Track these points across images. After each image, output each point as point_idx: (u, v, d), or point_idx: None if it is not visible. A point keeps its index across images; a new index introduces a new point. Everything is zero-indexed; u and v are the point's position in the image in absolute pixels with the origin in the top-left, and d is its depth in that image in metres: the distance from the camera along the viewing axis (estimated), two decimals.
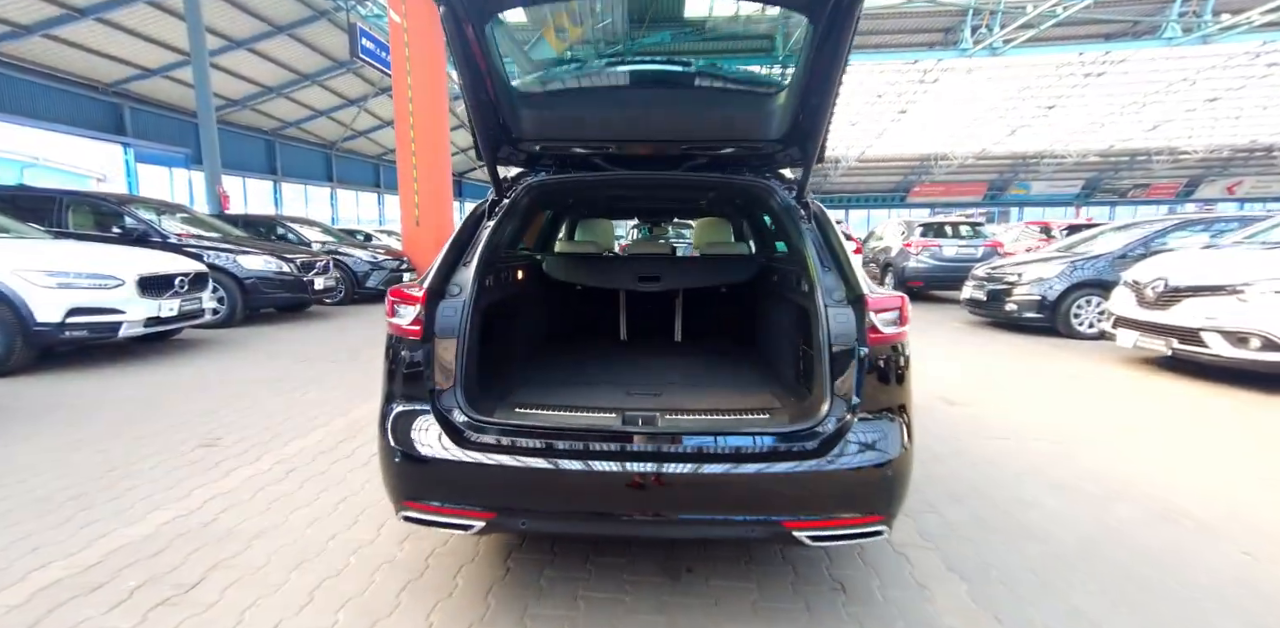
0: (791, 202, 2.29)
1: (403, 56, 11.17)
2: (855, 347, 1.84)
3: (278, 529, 2.38)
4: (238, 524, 2.41)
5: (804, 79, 2.04)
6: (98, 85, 16.07)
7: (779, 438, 1.75)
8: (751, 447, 1.73)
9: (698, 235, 4.21)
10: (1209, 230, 7.22)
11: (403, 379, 1.90)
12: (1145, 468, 3.07)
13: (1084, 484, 2.86)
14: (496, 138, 2.35)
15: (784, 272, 2.88)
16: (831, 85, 1.93)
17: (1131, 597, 1.98)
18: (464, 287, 2.00)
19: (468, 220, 2.24)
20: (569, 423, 1.84)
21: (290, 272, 7.82)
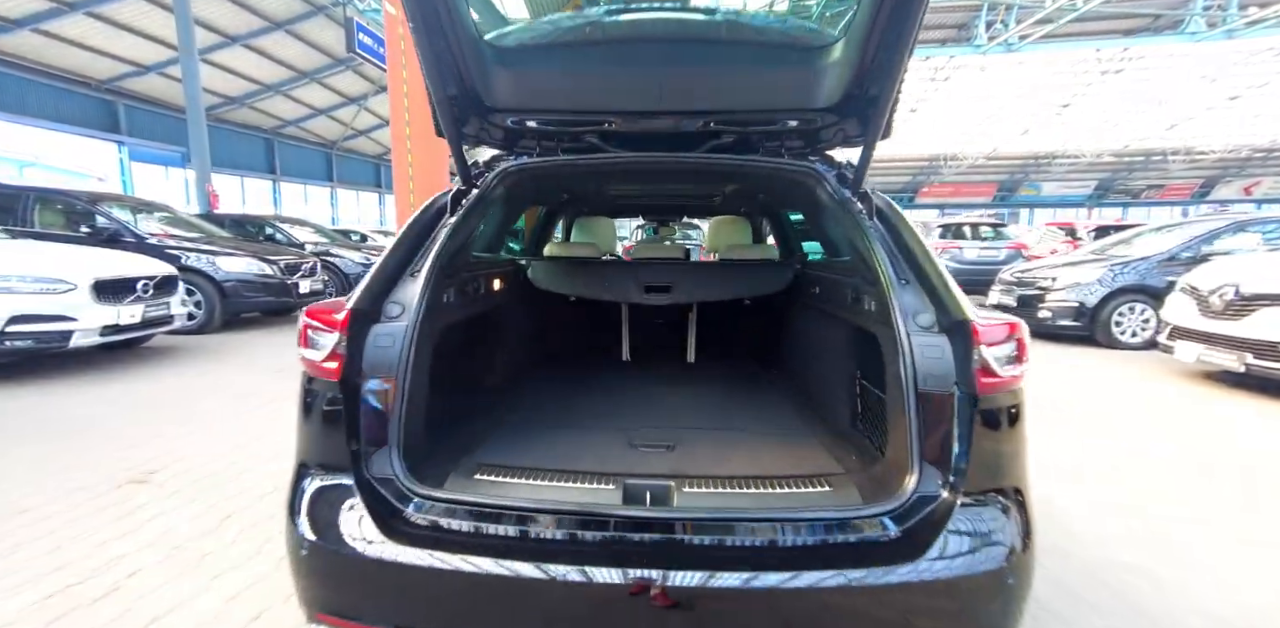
0: (846, 193, 1.78)
1: (398, 49, 10.66)
2: (957, 394, 1.32)
3: (187, 607, 1.88)
4: (139, 598, 1.91)
5: (868, 26, 1.52)
6: (91, 82, 15.68)
7: (851, 527, 1.23)
8: (813, 543, 1.21)
9: (713, 237, 3.62)
10: (1262, 232, 6.66)
11: (317, 438, 1.40)
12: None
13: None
14: (462, 108, 1.83)
15: (831, 284, 2.33)
16: (909, 31, 1.41)
17: None
18: (407, 305, 1.50)
19: (420, 217, 1.73)
20: (544, 502, 1.32)
21: (273, 274, 7.35)
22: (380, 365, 1.41)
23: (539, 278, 3.02)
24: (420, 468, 1.42)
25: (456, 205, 1.77)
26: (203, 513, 2.49)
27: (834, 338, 2.24)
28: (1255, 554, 2.23)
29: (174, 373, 4.97)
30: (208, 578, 2.02)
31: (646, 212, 4.31)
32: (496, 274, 2.52)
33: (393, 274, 1.56)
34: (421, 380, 1.51)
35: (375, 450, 1.36)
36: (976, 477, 1.27)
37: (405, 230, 1.66)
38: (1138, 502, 2.68)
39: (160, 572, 2.06)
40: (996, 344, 1.31)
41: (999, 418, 1.31)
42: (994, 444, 1.31)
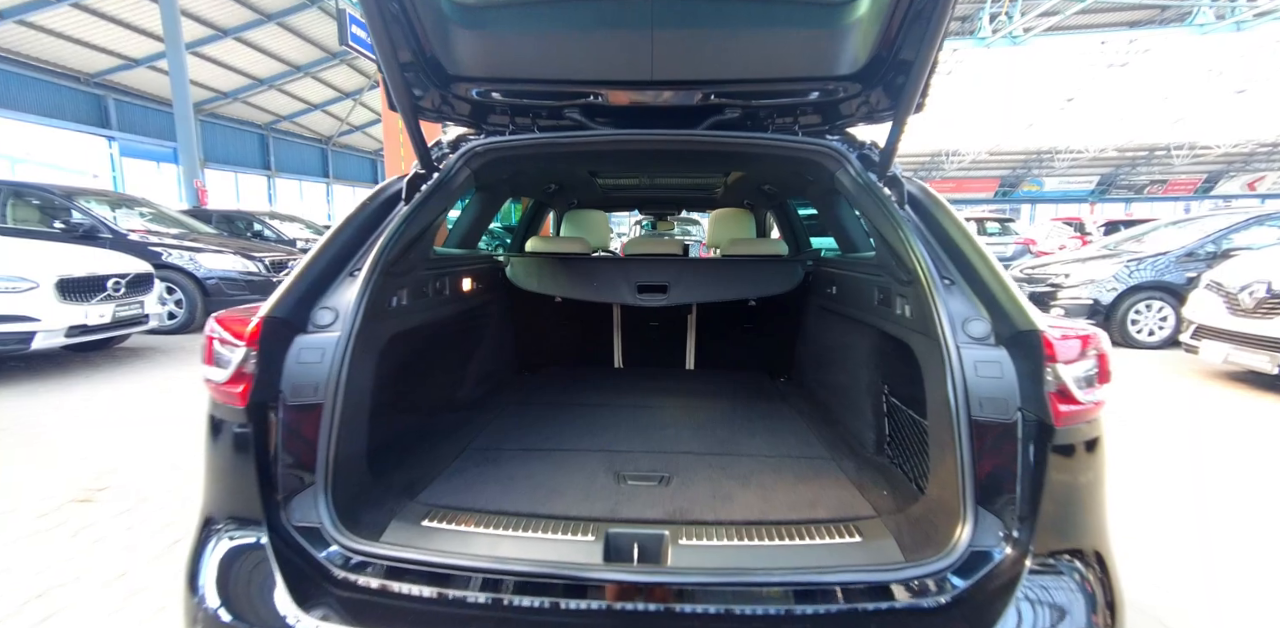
0: (871, 177, 1.52)
1: None
2: (1023, 422, 1.05)
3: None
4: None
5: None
6: (80, 76, 15.39)
7: (889, 593, 0.97)
8: (843, 615, 0.96)
9: (714, 230, 3.32)
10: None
11: (224, 482, 1.14)
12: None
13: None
14: (418, 77, 1.56)
15: (851, 283, 2.05)
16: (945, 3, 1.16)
17: None
18: (343, 311, 1.24)
19: (366, 206, 1.47)
20: (514, 559, 1.06)
21: (258, 271, 7.10)
22: (304, 386, 1.15)
23: (518, 276, 2.70)
24: (355, 513, 1.17)
25: (413, 192, 1.51)
26: (148, 538, 2.24)
27: (856, 346, 1.96)
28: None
29: (143, 376, 4.72)
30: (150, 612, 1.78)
31: (642, 204, 3.94)
32: (466, 272, 2.24)
33: (326, 274, 1.30)
34: (359, 402, 1.27)
35: (296, 493, 1.11)
36: (1049, 531, 1.01)
37: (345, 221, 1.40)
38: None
39: (90, 609, 1.81)
40: (1075, 361, 1.04)
41: (1078, 456, 1.04)
42: (1072, 489, 1.04)
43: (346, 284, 1.29)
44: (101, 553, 2.13)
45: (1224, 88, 25.34)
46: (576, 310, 2.88)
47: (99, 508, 2.46)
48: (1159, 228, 7.42)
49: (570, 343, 3.12)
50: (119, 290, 4.88)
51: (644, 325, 3.09)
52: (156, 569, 2.02)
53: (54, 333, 4.39)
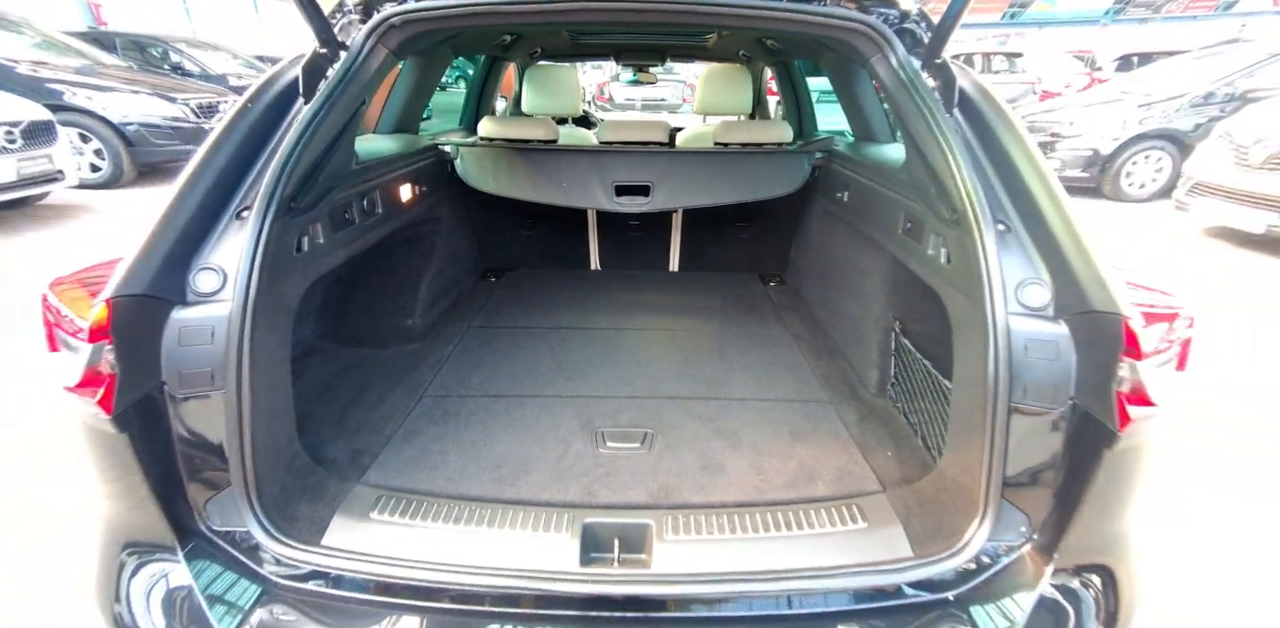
0: (915, 65, 1.17)
1: None
2: (1073, 418, 0.89)
3: None
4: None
5: None
6: None
7: (897, 593, 0.90)
8: (846, 615, 0.89)
9: (704, 94, 2.77)
10: None
11: (118, 496, 0.96)
12: None
13: None
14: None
15: (867, 193, 1.73)
16: None
17: None
18: (231, 270, 0.95)
19: (248, 111, 1.09)
20: (476, 566, 0.92)
21: (184, 117, 6.27)
22: (194, 374, 0.92)
23: (470, 173, 2.25)
24: (291, 508, 1.01)
25: (313, 84, 1.12)
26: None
27: (867, 270, 1.71)
28: None
29: (53, 240, 4.33)
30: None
31: (619, 52, 3.27)
32: (406, 176, 1.82)
33: (201, 218, 0.98)
34: (276, 378, 1.05)
35: (210, 499, 0.95)
36: (1076, 542, 0.91)
37: (220, 133, 1.03)
38: None
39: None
40: (1157, 353, 0.85)
41: (1131, 463, 0.90)
42: (1111, 500, 0.92)
43: (233, 231, 0.99)
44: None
45: None
46: (539, 213, 2.49)
47: None
48: (1175, 64, 6.77)
49: (540, 242, 2.76)
50: (14, 141, 4.26)
51: (624, 223, 2.73)
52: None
53: None
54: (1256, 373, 2.65)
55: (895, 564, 0.95)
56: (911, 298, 1.46)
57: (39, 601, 1.47)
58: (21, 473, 1.95)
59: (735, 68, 2.84)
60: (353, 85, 1.17)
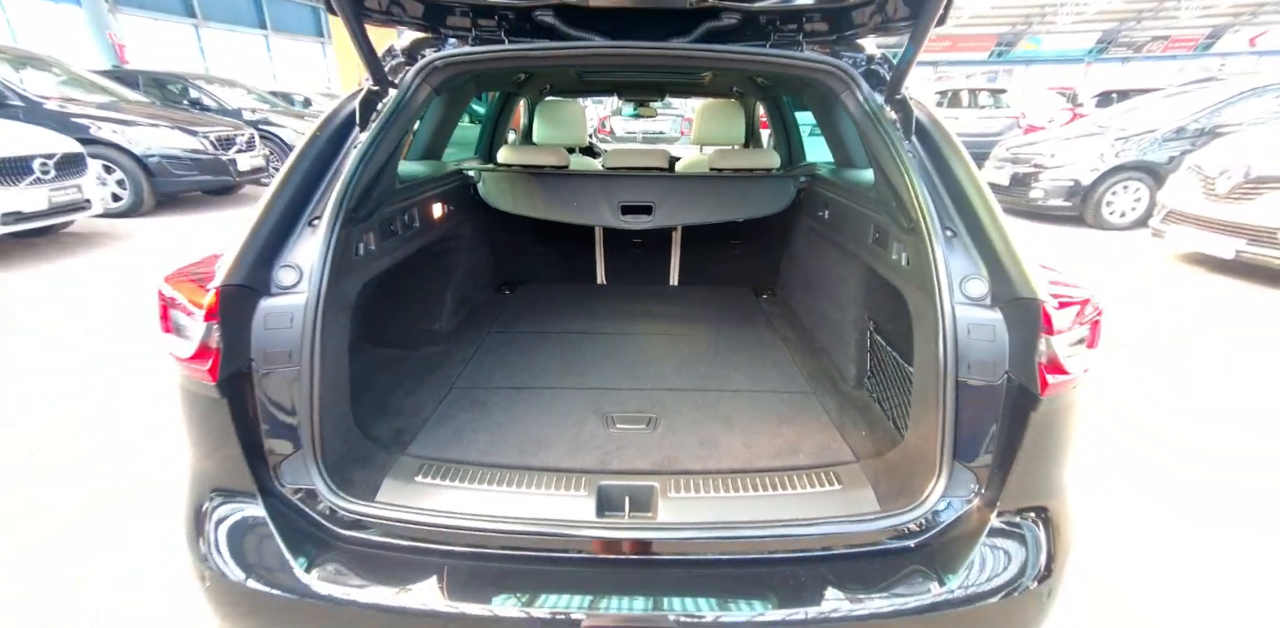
0: (879, 101, 1.38)
1: None
2: (1008, 389, 1.07)
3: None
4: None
5: None
6: None
7: (865, 540, 1.05)
8: (823, 561, 1.04)
9: (701, 126, 3.03)
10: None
11: (206, 452, 1.13)
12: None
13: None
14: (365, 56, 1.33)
15: (844, 210, 1.95)
16: None
17: None
18: (308, 268, 1.14)
19: (316, 138, 1.29)
20: (509, 517, 1.09)
21: (204, 149, 6.54)
22: (276, 353, 1.09)
23: (491, 194, 2.48)
24: (347, 472, 1.17)
25: (368, 114, 1.32)
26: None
27: (845, 277, 1.91)
28: None
29: (87, 263, 4.53)
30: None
31: (622, 89, 3.64)
32: (436, 196, 2.05)
33: (282, 225, 1.17)
34: (338, 362, 1.22)
35: (283, 460, 1.11)
36: (1016, 491, 1.08)
37: (295, 161, 1.23)
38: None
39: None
40: (1066, 330, 1.03)
41: (1056, 422, 1.08)
42: (1043, 453, 1.09)
43: (307, 236, 1.17)
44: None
45: None
46: (556, 226, 2.69)
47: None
48: (1152, 101, 7.13)
49: (551, 259, 2.99)
50: (48, 173, 4.50)
51: (628, 241, 2.96)
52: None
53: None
54: (1222, 402, 2.76)
55: (864, 517, 1.10)
56: (882, 300, 1.63)
57: (39, 601, 1.55)
58: (22, 473, 2.06)
59: (729, 102, 3.12)
60: (400, 117, 1.37)
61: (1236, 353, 3.22)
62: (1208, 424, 2.52)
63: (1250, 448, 2.36)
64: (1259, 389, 2.83)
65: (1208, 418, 2.57)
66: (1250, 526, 1.91)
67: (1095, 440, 2.35)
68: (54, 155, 4.56)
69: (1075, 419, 1.11)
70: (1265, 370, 3.02)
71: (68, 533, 1.79)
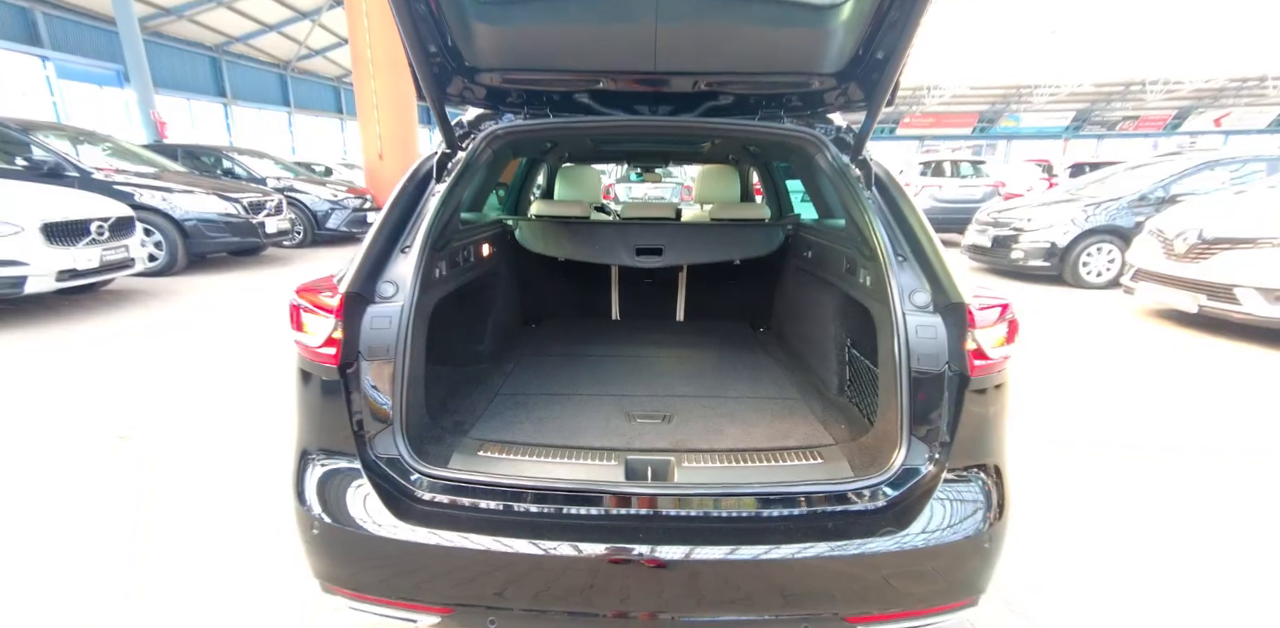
0: (845, 160, 1.73)
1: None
2: (948, 375, 1.36)
3: (196, 561, 1.94)
4: (123, 581, 1.97)
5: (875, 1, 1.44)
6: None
7: (842, 498, 1.30)
8: (806, 514, 1.29)
9: (701, 187, 3.53)
10: (1231, 170, 6.74)
11: (319, 422, 1.39)
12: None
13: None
14: (444, 67, 1.72)
15: (824, 250, 2.32)
16: (917, 10, 1.36)
17: None
18: (401, 284, 1.45)
19: (406, 187, 1.64)
20: (553, 480, 1.35)
21: (236, 213, 7.04)
22: (378, 348, 1.38)
23: (526, 239, 2.92)
24: (423, 447, 1.43)
25: (442, 170, 1.68)
26: (192, 471, 2.51)
27: (826, 304, 2.24)
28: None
29: (137, 318, 4.84)
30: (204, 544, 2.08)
31: (633, 158, 4.21)
32: (484, 239, 2.44)
33: (383, 251, 1.49)
34: (419, 360, 1.50)
35: (378, 432, 1.37)
36: (961, 453, 1.34)
37: (392, 203, 1.58)
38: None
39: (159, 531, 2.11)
40: (989, 327, 1.34)
41: (987, 398, 1.36)
42: (979, 423, 1.36)
43: (400, 260, 1.49)
44: (141, 493, 2.40)
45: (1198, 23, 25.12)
46: (577, 268, 3.14)
47: (135, 446, 2.71)
48: (1118, 172, 7.71)
49: (571, 297, 3.38)
50: (103, 234, 4.90)
51: (639, 282, 3.35)
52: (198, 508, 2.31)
53: (45, 277, 4.46)
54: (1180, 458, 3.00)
55: (841, 481, 1.35)
56: (855, 320, 1.92)
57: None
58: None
59: (726, 167, 3.60)
60: (467, 173, 1.72)
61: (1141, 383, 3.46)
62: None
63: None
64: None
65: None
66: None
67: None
68: (109, 218, 4.98)
69: (1002, 396, 1.39)
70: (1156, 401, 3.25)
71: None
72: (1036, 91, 35.21)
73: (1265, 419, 3.07)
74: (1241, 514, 2.26)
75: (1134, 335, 4.79)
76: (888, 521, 1.27)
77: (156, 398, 3.21)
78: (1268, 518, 2.23)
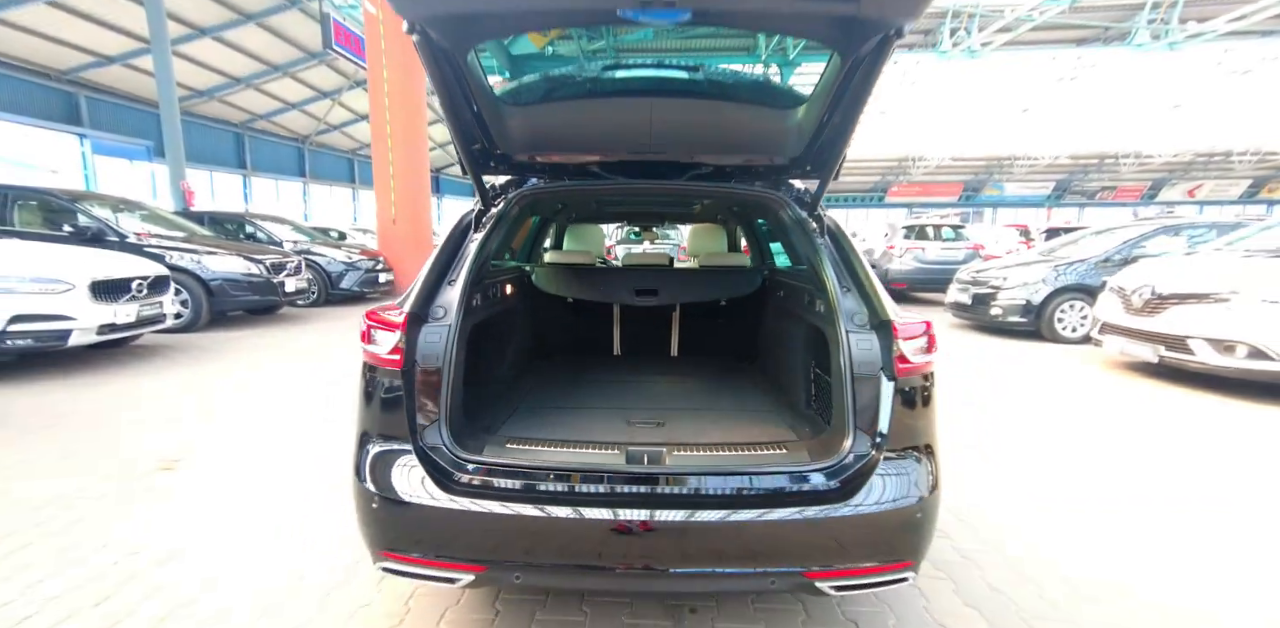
0: (803, 215, 2.15)
1: (379, 49, 10.82)
2: (881, 377, 1.70)
3: (240, 571, 2.17)
4: (196, 564, 2.20)
5: (826, 103, 1.90)
6: (51, 73, 15.32)
7: (801, 478, 1.61)
8: (772, 489, 1.58)
9: (693, 242, 4.07)
10: (1186, 235, 7.30)
11: (380, 415, 1.71)
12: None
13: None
14: (483, 153, 2.19)
15: (792, 288, 2.74)
16: (856, 113, 1.82)
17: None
18: (449, 309, 1.81)
19: (452, 233, 2.05)
20: (568, 463, 1.67)
21: (259, 273, 7.49)
22: (430, 357, 1.73)
23: (541, 282, 3.40)
24: (461, 439, 1.74)
25: (479, 223, 2.09)
26: (232, 495, 2.76)
27: (795, 334, 2.63)
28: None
29: (168, 370, 5.15)
30: (250, 548, 2.31)
31: (632, 218, 4.88)
32: (507, 280, 2.87)
33: (435, 282, 1.88)
34: (459, 370, 1.83)
35: (428, 425, 1.68)
36: (896, 439, 1.66)
37: (440, 247, 1.98)
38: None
39: (208, 543, 2.34)
40: (912, 339, 1.70)
41: (914, 395, 1.70)
42: (910, 414, 1.69)
43: (447, 289, 1.87)
44: (194, 509, 2.64)
45: (1163, 102, 26.99)
46: (584, 307, 3.65)
47: (180, 475, 2.96)
48: (1086, 236, 8.28)
49: (578, 333, 3.85)
50: (142, 291, 5.30)
51: (637, 320, 3.81)
52: (245, 518, 2.55)
53: (88, 331, 4.81)
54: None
55: (801, 464, 1.66)
56: (817, 346, 2.26)
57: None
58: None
59: (715, 226, 4.16)
60: (498, 225, 2.12)
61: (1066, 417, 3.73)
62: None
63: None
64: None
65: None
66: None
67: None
68: (148, 277, 5.40)
69: (927, 393, 1.72)
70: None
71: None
72: (1016, 163, 37.10)
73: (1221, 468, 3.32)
74: (1217, 564, 2.33)
75: (1102, 387, 5.09)
76: (837, 495, 1.57)
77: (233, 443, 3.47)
78: (1240, 566, 2.34)
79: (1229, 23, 15.96)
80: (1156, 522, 2.63)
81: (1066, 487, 2.98)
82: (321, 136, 25.19)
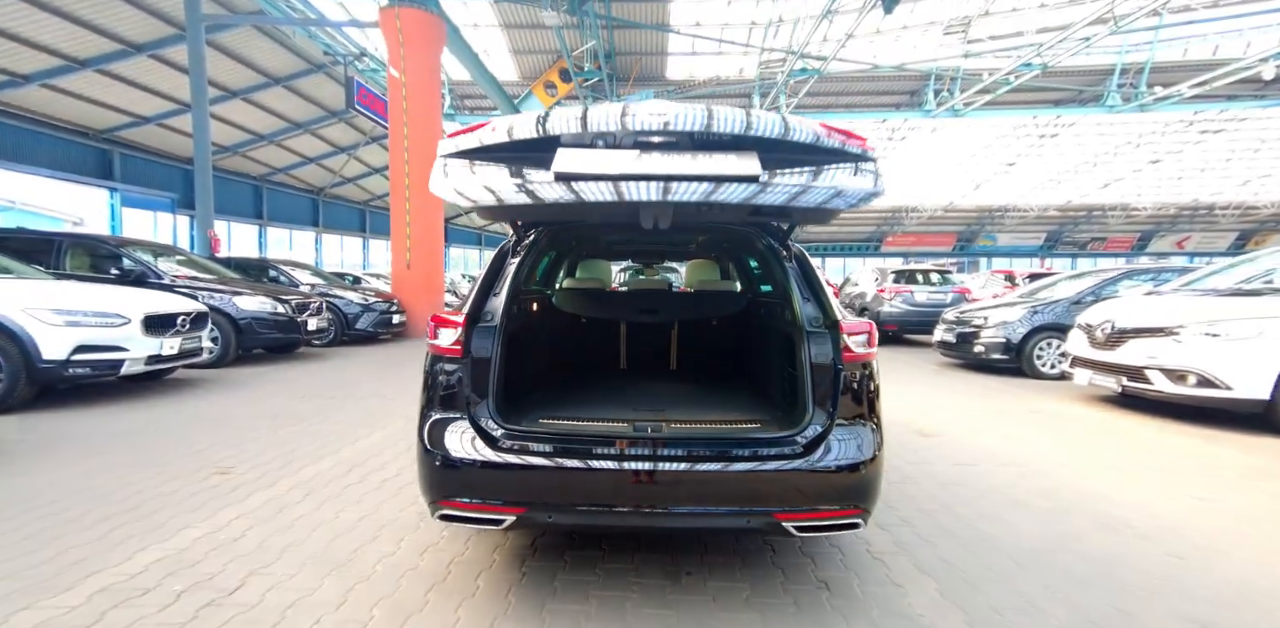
0: (775, 244, 2.66)
1: (400, 109, 11.79)
2: (833, 364, 2.17)
3: (304, 543, 2.55)
4: (266, 539, 2.58)
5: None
6: (89, 132, 16.37)
7: (770, 442, 2.05)
8: (747, 449, 2.02)
9: (689, 275, 4.61)
10: (1153, 279, 7.84)
11: (441, 393, 2.17)
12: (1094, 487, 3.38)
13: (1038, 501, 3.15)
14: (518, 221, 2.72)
15: (770, 305, 3.25)
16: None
17: (1073, 591, 2.24)
18: (495, 314, 2.30)
19: (495, 258, 2.56)
20: (588, 431, 2.13)
21: (285, 313, 8.00)
22: (481, 348, 2.21)
23: (561, 303, 3.96)
24: (504, 416, 2.18)
25: (516, 250, 2.59)
26: (287, 491, 3.14)
27: (771, 343, 3.11)
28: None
29: (206, 398, 5.57)
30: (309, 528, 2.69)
31: (636, 254, 5.68)
32: (534, 299, 3.40)
33: (484, 294, 2.37)
34: (501, 363, 2.29)
35: (479, 401, 2.14)
36: (846, 412, 2.13)
37: (488, 268, 2.49)
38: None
39: (274, 524, 2.72)
40: (855, 335, 2.20)
41: (859, 378, 2.18)
42: (856, 393, 2.17)
43: (493, 300, 2.35)
44: (257, 501, 3.02)
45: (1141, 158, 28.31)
46: (595, 326, 4.21)
47: (237, 478, 3.35)
48: (1061, 280, 8.82)
49: (592, 347, 4.37)
50: (185, 326, 5.78)
51: (641, 336, 4.34)
52: (302, 507, 2.93)
53: (137, 361, 5.26)
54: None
55: (773, 432, 2.10)
56: (789, 348, 2.68)
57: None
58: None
59: (708, 261, 4.74)
60: (530, 252, 2.61)
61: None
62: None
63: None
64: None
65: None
66: None
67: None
68: (191, 313, 5.90)
69: (869, 377, 2.19)
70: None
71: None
72: (1007, 215, 38.35)
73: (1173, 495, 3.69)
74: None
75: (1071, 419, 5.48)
76: (800, 453, 2.02)
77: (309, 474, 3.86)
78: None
79: (1192, 88, 17.14)
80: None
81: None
82: (336, 188, 26.34)
